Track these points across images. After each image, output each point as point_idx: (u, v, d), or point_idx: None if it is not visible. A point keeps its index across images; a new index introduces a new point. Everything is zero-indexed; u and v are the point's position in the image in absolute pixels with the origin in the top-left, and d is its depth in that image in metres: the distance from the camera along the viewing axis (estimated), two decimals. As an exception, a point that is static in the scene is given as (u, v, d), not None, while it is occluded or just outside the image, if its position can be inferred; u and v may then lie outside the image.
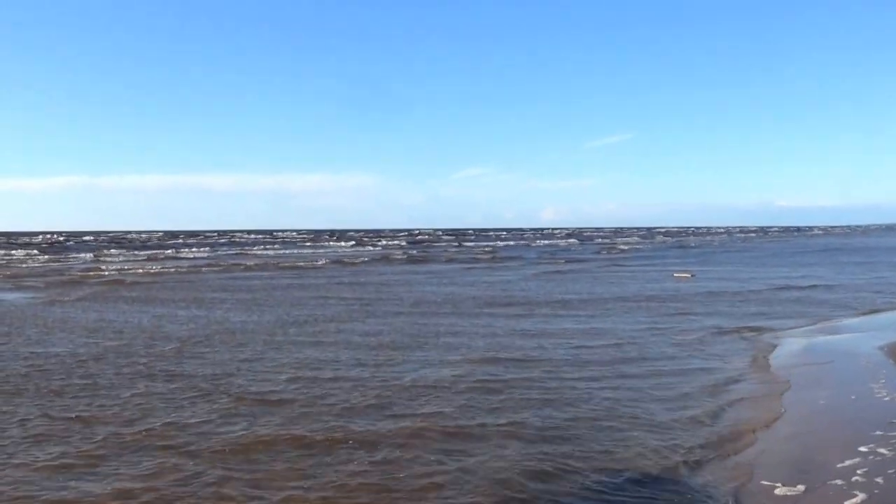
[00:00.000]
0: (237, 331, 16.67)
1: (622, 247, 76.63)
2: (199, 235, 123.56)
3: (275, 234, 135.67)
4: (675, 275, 35.10)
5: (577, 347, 13.93)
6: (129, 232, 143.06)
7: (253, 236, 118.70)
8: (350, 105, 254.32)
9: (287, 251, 69.41)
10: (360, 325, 17.38)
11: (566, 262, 49.17)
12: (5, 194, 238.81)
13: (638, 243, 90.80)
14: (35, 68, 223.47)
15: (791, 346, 14.02)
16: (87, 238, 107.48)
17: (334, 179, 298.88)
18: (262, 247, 78.46)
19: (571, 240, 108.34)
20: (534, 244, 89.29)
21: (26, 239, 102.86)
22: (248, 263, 47.27)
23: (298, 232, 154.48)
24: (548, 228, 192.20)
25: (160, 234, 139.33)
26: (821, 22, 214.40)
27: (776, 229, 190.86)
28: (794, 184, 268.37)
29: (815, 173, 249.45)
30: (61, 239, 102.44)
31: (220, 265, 45.63)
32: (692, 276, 34.25)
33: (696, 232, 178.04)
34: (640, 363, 12.42)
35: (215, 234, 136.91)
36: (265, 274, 38.33)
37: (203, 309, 21.21)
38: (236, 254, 64.01)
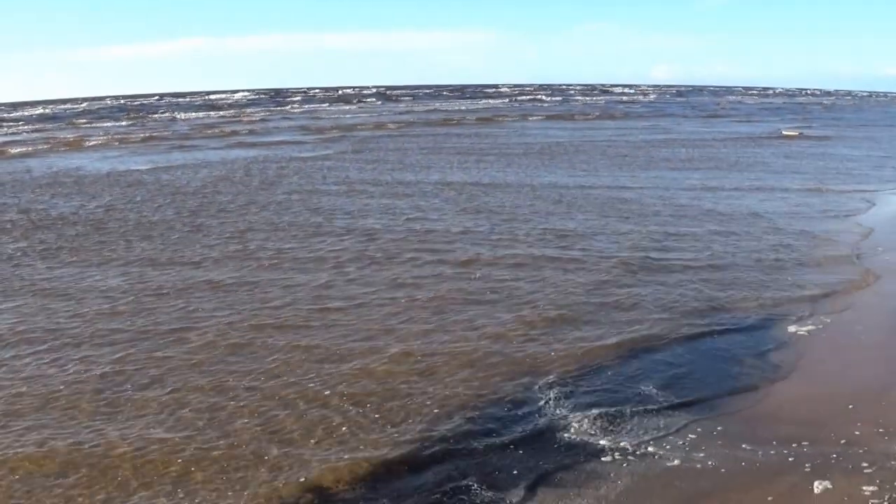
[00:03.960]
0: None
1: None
2: (333, 91, 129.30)
3: (395, 92, 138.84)
4: (784, 132, 38.04)
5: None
6: (279, 89, 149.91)
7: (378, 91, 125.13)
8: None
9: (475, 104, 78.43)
10: None
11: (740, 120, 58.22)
12: (132, 60, 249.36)
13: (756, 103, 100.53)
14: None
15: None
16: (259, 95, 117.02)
17: (450, 36, 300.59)
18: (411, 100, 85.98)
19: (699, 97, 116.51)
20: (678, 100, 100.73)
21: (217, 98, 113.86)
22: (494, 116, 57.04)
23: (428, 87, 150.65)
24: (661, 86, 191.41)
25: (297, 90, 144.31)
26: None
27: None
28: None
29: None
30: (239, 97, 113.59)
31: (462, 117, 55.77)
32: (800, 133, 37.41)
33: (791, 93, 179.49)
34: None
35: (347, 89, 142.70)
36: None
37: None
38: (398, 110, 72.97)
